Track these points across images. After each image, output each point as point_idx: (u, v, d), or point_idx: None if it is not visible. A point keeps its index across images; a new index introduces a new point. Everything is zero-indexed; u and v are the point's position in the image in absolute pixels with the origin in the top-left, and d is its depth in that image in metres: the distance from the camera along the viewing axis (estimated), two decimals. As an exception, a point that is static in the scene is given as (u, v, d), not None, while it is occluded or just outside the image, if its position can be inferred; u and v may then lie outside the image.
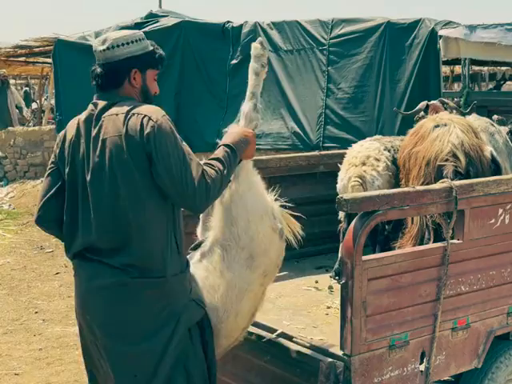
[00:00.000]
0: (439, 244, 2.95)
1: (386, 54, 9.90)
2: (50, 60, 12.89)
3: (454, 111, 5.22)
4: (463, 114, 5.29)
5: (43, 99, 16.99)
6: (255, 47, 3.00)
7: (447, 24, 9.00)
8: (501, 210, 3.09)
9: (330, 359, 2.70)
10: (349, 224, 2.76)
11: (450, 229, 2.91)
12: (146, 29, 11.54)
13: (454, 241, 2.96)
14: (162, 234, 2.55)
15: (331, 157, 4.51)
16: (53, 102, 12.70)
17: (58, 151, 2.73)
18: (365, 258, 2.66)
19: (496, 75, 17.46)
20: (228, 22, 11.38)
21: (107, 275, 2.54)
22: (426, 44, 9.39)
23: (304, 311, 3.43)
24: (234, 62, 10.92)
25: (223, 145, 2.69)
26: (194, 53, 11.23)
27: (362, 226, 2.63)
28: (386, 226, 4.07)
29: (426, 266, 2.86)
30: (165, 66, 2.95)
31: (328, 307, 3.52)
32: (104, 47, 2.65)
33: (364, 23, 10.26)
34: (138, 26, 11.65)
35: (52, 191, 2.70)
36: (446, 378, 3.18)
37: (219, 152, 2.65)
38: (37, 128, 13.27)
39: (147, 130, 2.48)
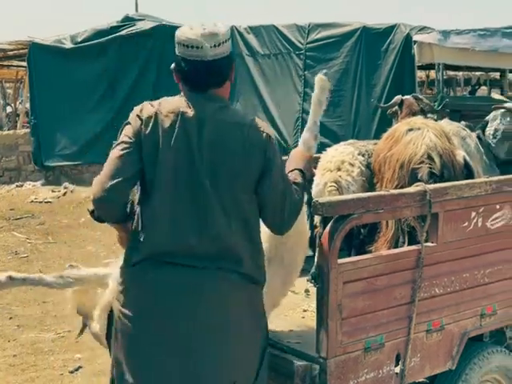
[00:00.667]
0: (414, 247, 2.98)
1: (362, 59, 9.99)
2: (24, 63, 12.79)
3: (427, 107, 5.28)
4: (435, 111, 5.36)
5: (18, 103, 16.83)
6: (321, 79, 3.15)
7: (422, 29, 9.12)
8: (474, 213, 3.13)
9: (306, 362, 2.71)
10: (324, 228, 2.78)
11: (424, 232, 2.94)
12: (123, 32, 11.52)
13: (429, 244, 2.99)
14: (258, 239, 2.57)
15: (307, 161, 4.52)
16: (28, 105, 12.58)
17: (144, 132, 2.51)
18: (340, 261, 2.67)
19: (471, 80, 17.68)
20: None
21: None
22: (401, 49, 9.50)
23: (281, 314, 3.44)
24: (211, 66, 10.93)
25: (298, 169, 2.71)
26: (170, 57, 11.14)
27: (337, 229, 2.65)
28: (362, 230, 4.10)
29: (401, 269, 2.88)
30: (141, 69, 2.92)
31: (304, 310, 3.53)
32: (215, 43, 2.45)
33: (340, 28, 10.35)
34: (114, 29, 11.63)
35: (128, 174, 2.47)
36: (420, 380, 3.21)
37: (297, 177, 2.67)
38: (11, 132, 13.15)
39: (268, 147, 2.48)
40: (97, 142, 11.60)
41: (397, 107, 5.02)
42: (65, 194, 11.21)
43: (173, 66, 2.65)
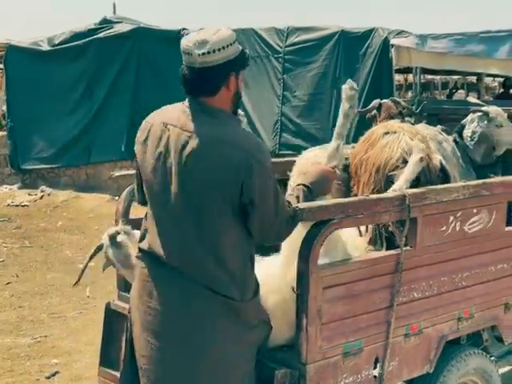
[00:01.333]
0: (393, 251, 2.99)
1: (341, 63, 10.05)
2: (1, 65, 12.63)
3: (406, 110, 5.31)
4: (414, 114, 5.39)
5: (-6, 105, 16.63)
6: (349, 88, 3.08)
7: (399, 33, 9.19)
8: (452, 218, 3.16)
9: (285, 368, 2.70)
10: (304, 233, 2.78)
11: (403, 236, 2.95)
12: (100, 35, 11.45)
13: (407, 248, 3.01)
14: (242, 254, 2.54)
15: (285, 164, 4.53)
16: (4, 108, 12.44)
17: (137, 144, 2.70)
18: (320, 266, 2.68)
19: (448, 84, 17.87)
20: (184, 29, 11.35)
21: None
22: (379, 53, 9.57)
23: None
24: (190, 69, 10.91)
25: (303, 185, 2.79)
26: (149, 60, 11.18)
27: (316, 234, 2.65)
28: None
29: (380, 274, 2.89)
30: (119, 72, 2.97)
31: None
32: (203, 51, 2.41)
33: (319, 32, 10.40)
34: (91, 31, 11.56)
35: (139, 182, 2.75)
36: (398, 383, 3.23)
37: (299, 193, 2.74)
38: (-13, 134, 12.99)
39: (251, 172, 2.39)
40: (74, 144, 11.52)
41: (375, 111, 5.04)
42: (42, 197, 11.10)
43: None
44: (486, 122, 4.76)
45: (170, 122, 2.52)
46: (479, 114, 4.80)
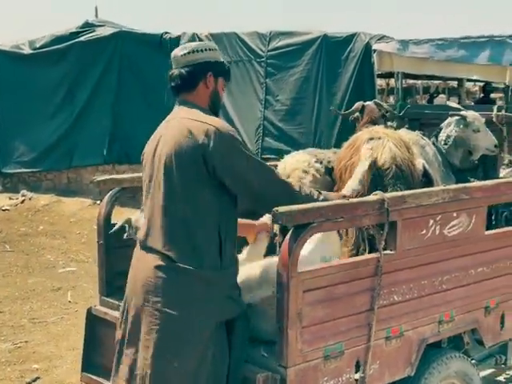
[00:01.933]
0: (373, 255, 3.01)
1: (323, 67, 10.07)
2: (-19, 68, 12.49)
3: (388, 113, 5.34)
4: (396, 117, 5.42)
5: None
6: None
7: (381, 38, 9.24)
8: (431, 221, 3.17)
9: (266, 371, 2.70)
10: (284, 237, 2.78)
11: (382, 240, 2.97)
12: (82, 38, 11.40)
13: (387, 251, 3.02)
14: (205, 229, 2.77)
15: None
16: (-15, 111, 12.32)
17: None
18: (300, 269, 2.68)
19: (430, 88, 18.00)
20: (166, 32, 11.33)
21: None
22: (361, 57, 9.61)
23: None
24: (173, 72, 10.89)
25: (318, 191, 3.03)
26: (131, 63, 11.14)
27: (296, 238, 2.65)
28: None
29: (361, 277, 2.90)
30: (101, 75, 3.16)
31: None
32: (185, 52, 2.93)
33: (301, 36, 10.42)
34: (73, 35, 11.50)
35: None
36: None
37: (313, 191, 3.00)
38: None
39: (210, 138, 2.72)
40: (56, 148, 11.45)
41: (358, 113, 5.05)
42: (23, 201, 11.01)
43: None
44: (462, 126, 4.80)
45: (164, 121, 3.01)
46: (457, 117, 4.85)
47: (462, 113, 4.87)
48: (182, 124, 2.81)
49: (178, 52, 2.96)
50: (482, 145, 4.86)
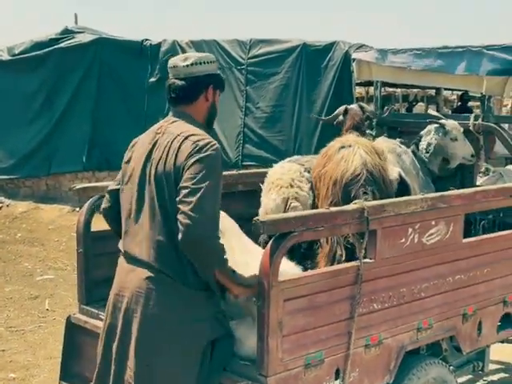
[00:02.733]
0: (353, 263, 3.02)
1: (303, 75, 10.14)
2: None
3: (372, 115, 5.38)
4: (375, 125, 5.45)
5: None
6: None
7: (360, 47, 9.32)
8: (410, 230, 3.20)
9: (247, 380, 2.71)
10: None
11: (362, 248, 2.99)
12: (62, 45, 11.34)
13: (367, 260, 3.04)
14: None
15: (249, 176, 4.55)
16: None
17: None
18: (281, 278, 2.69)
19: (408, 97, 18.16)
20: (146, 39, 11.32)
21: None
22: (340, 66, 9.69)
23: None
24: (153, 79, 10.87)
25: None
26: (111, 70, 11.11)
27: (278, 247, 2.66)
28: (302, 244, 4.14)
29: (341, 286, 2.92)
30: (80, 82, 3.11)
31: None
32: (188, 63, 2.86)
33: (281, 44, 10.48)
34: (53, 41, 11.44)
35: None
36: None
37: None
38: None
39: (195, 154, 2.69)
40: (34, 155, 11.36)
41: (342, 117, 5.04)
42: (0, 208, 10.91)
43: None
44: (441, 134, 4.86)
45: (153, 129, 2.93)
46: (436, 125, 4.90)
47: (441, 121, 4.93)
48: (176, 142, 2.75)
49: (178, 62, 2.88)
50: (459, 153, 4.92)
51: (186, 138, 2.75)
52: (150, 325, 2.73)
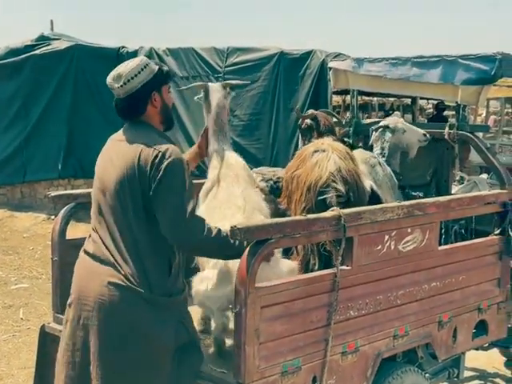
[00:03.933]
0: (329, 270, 3.03)
1: (280, 83, 10.18)
2: None
3: (338, 122, 5.43)
4: (352, 133, 5.49)
5: None
6: None
7: (337, 56, 9.38)
8: (387, 237, 3.22)
9: (224, 388, 2.70)
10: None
11: (339, 255, 3.00)
12: (37, 51, 11.26)
13: (344, 267, 3.05)
14: (155, 254, 2.77)
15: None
16: None
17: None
18: (258, 285, 2.69)
19: (385, 105, 18.31)
20: (123, 47, 11.27)
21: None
22: (317, 74, 9.75)
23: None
24: (129, 87, 10.83)
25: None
26: (87, 77, 11.04)
27: (255, 254, 2.66)
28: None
29: (317, 293, 2.92)
30: (56, 89, 3.16)
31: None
32: (121, 83, 2.86)
33: (258, 52, 10.52)
34: (28, 48, 11.35)
35: None
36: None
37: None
38: None
39: (157, 163, 2.72)
40: (9, 162, 11.24)
41: (311, 121, 5.05)
42: (-26, 216, 10.76)
43: None
44: (390, 133, 4.91)
45: (113, 137, 3.00)
46: (380, 129, 4.95)
47: (382, 123, 4.99)
48: (132, 150, 2.79)
49: (113, 84, 2.89)
50: (413, 140, 4.96)
51: (146, 145, 2.77)
52: (112, 336, 2.72)
